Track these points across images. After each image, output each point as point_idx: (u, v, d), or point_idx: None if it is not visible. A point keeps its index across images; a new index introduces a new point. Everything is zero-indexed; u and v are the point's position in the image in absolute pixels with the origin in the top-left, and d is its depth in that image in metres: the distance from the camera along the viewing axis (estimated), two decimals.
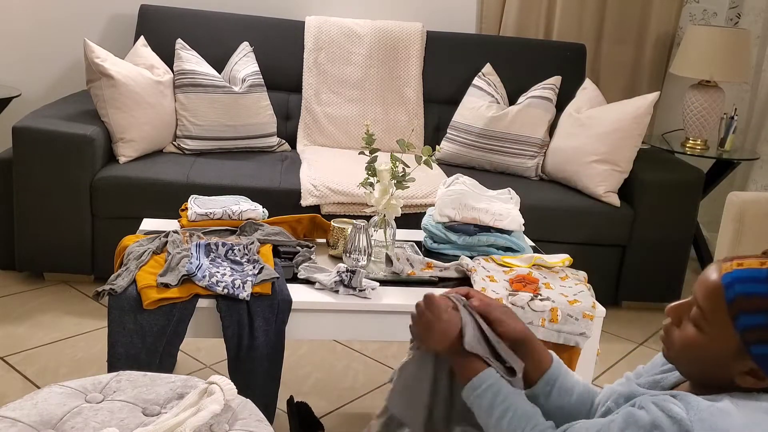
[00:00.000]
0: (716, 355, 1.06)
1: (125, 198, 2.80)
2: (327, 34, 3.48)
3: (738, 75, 3.57)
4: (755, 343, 1.01)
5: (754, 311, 1.01)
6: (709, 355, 1.07)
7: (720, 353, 1.05)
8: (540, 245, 2.79)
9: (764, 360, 1.02)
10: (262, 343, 1.82)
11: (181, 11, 3.41)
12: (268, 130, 3.30)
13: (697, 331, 1.08)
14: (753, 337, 1.01)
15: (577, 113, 3.31)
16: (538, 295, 1.95)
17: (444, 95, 3.60)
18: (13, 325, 2.63)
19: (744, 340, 1.02)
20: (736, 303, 1.03)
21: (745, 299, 1.02)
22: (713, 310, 1.05)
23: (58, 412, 1.32)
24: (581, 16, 3.85)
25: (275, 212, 2.53)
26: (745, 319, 1.02)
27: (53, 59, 3.59)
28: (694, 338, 1.08)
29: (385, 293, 1.95)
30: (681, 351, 1.12)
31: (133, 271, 1.85)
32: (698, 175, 3.23)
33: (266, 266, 1.92)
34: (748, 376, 1.04)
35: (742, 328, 1.02)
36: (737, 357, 1.04)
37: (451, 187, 2.36)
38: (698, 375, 1.12)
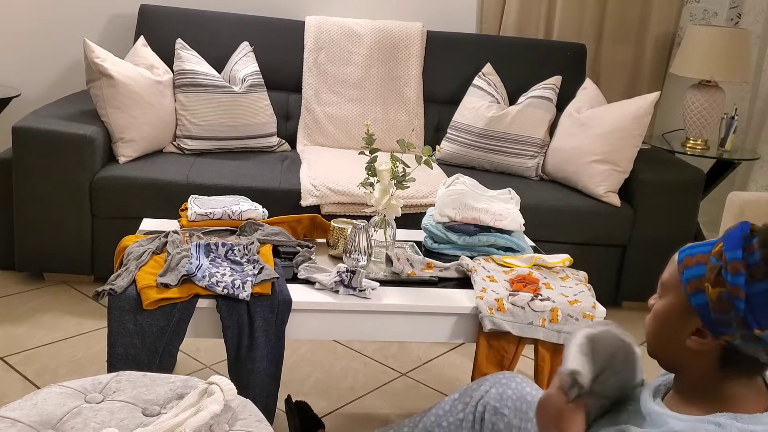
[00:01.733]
0: (671, 317, 1.14)
1: (125, 198, 2.80)
2: (327, 34, 3.48)
3: (738, 75, 3.57)
4: (693, 294, 1.09)
5: (694, 264, 1.11)
6: (666, 320, 1.15)
7: (673, 314, 1.13)
8: (540, 245, 2.78)
9: (703, 310, 1.08)
10: (262, 343, 1.82)
11: (181, 11, 3.41)
12: (268, 130, 3.30)
13: (659, 300, 1.18)
14: (692, 288, 1.10)
15: (577, 113, 3.31)
16: (538, 295, 1.95)
17: (444, 95, 3.60)
18: (13, 325, 2.63)
19: (686, 292, 1.11)
20: (683, 262, 1.14)
21: (690, 257, 1.13)
22: (669, 275, 1.16)
23: (58, 412, 1.32)
24: (581, 16, 3.85)
25: (275, 212, 2.53)
26: (687, 272, 1.12)
27: (53, 59, 3.59)
28: (657, 307, 1.18)
29: (385, 293, 1.95)
30: (649, 328, 1.20)
31: (133, 272, 1.85)
32: (698, 175, 3.23)
33: (266, 266, 1.92)
34: (694, 337, 1.10)
35: (685, 281, 1.11)
36: (686, 315, 1.11)
37: (451, 187, 2.36)
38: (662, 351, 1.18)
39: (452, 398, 1.63)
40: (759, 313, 1.03)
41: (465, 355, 2.72)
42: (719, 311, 1.05)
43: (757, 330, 1.03)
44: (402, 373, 2.57)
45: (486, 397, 1.56)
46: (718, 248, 1.09)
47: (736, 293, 1.04)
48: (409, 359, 2.66)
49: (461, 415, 1.58)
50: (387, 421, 2.27)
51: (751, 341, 1.04)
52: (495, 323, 1.88)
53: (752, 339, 1.04)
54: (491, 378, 1.61)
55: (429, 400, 2.40)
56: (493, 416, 1.52)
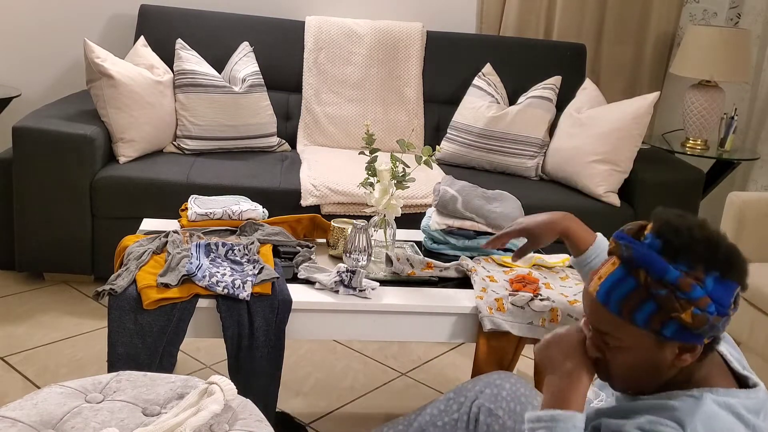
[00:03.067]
0: (647, 358, 1.13)
1: (125, 198, 2.80)
2: (327, 34, 3.48)
3: (738, 75, 3.57)
4: (661, 327, 1.09)
5: (639, 305, 1.09)
6: (644, 365, 1.14)
7: (651, 354, 1.12)
8: None
9: (679, 333, 1.09)
10: (262, 343, 1.82)
11: (181, 11, 3.41)
12: (268, 130, 3.30)
13: (624, 352, 1.14)
14: (656, 324, 1.09)
15: (577, 113, 3.31)
16: (538, 295, 1.95)
17: (444, 95, 3.60)
18: (13, 325, 2.63)
19: (653, 330, 1.10)
20: (623, 310, 1.11)
21: (626, 302, 1.10)
22: (615, 328, 1.13)
23: (58, 412, 1.32)
24: (581, 16, 3.85)
25: (275, 212, 2.53)
26: (639, 315, 1.09)
27: (53, 59, 3.59)
28: (624, 361, 1.15)
29: (385, 293, 1.95)
30: (625, 378, 1.18)
31: (133, 271, 1.85)
32: (698, 175, 3.23)
33: (266, 266, 1.92)
34: (684, 355, 1.11)
35: (643, 323, 1.10)
36: (662, 346, 1.11)
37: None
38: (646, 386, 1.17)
39: (447, 397, 1.63)
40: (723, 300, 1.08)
41: (465, 355, 2.72)
42: (698, 326, 1.07)
43: (729, 310, 1.09)
44: (402, 372, 2.57)
45: (480, 398, 1.56)
46: (645, 278, 1.08)
47: (703, 303, 1.06)
48: (409, 359, 2.66)
49: (456, 416, 1.58)
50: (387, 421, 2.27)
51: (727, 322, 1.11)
52: (495, 323, 1.88)
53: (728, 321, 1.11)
54: (485, 378, 1.61)
55: (429, 400, 2.39)
56: (488, 417, 1.52)
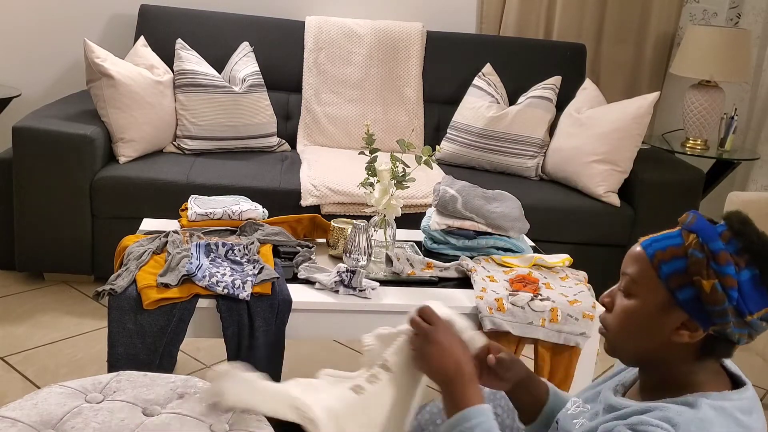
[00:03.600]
0: (649, 314, 1.11)
1: (125, 198, 2.80)
2: (327, 34, 3.48)
3: (738, 75, 3.57)
4: (678, 288, 1.08)
5: (671, 258, 1.10)
6: (643, 318, 1.12)
7: (652, 311, 1.11)
8: (540, 245, 2.78)
9: (691, 305, 1.07)
10: (262, 343, 1.82)
11: (181, 11, 3.41)
12: (268, 130, 3.30)
13: (630, 299, 1.14)
14: (675, 283, 1.08)
15: (577, 113, 3.31)
16: (538, 295, 1.95)
17: (444, 95, 3.60)
18: (13, 325, 2.63)
19: (669, 288, 1.09)
20: (656, 257, 1.11)
21: (662, 252, 1.11)
22: (639, 272, 1.13)
23: (58, 412, 1.32)
24: (581, 16, 3.85)
25: (275, 212, 2.53)
26: (665, 267, 1.10)
27: (53, 59, 3.59)
28: (629, 306, 1.14)
29: (385, 293, 1.95)
30: (620, 326, 1.16)
31: (133, 271, 1.85)
32: (698, 175, 3.23)
33: (266, 266, 1.92)
34: (683, 330, 1.09)
35: (665, 276, 1.09)
36: (668, 310, 1.09)
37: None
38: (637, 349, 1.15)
39: None
40: (749, 300, 1.05)
41: None
42: (713, 303, 1.05)
43: (748, 316, 1.05)
44: None
45: None
46: (693, 240, 1.09)
47: (729, 283, 1.05)
48: None
49: None
50: None
51: (740, 327, 1.07)
52: (495, 323, 1.88)
53: (742, 325, 1.07)
54: None
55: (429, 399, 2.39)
56: None
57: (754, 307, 1.06)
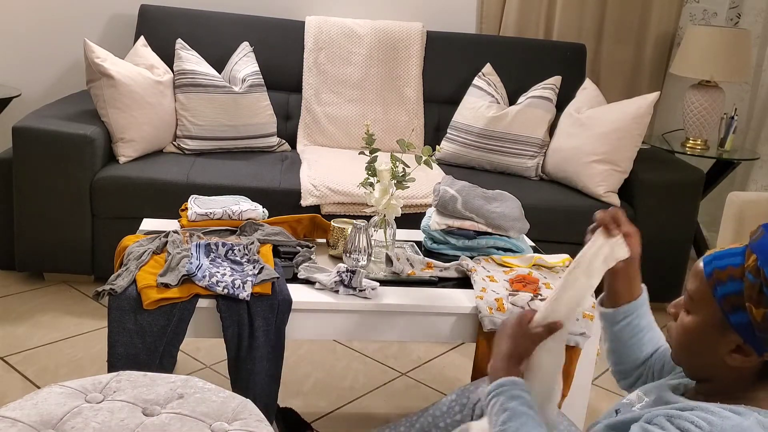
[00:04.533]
0: (705, 333, 1.09)
1: (125, 198, 2.80)
2: (327, 34, 3.48)
3: (738, 75, 3.57)
4: (732, 312, 1.04)
5: (727, 280, 1.05)
6: (699, 337, 1.10)
7: (707, 331, 1.08)
8: (540, 245, 2.78)
9: (744, 329, 1.04)
10: (262, 343, 1.82)
11: (181, 11, 3.41)
12: (268, 130, 3.30)
13: (688, 315, 1.13)
14: (729, 306, 1.05)
15: (577, 113, 3.31)
16: (538, 295, 1.95)
17: (444, 95, 3.60)
18: (13, 325, 2.63)
19: (723, 310, 1.05)
20: (713, 276, 1.07)
21: (720, 271, 1.07)
22: (697, 289, 1.10)
23: (58, 412, 1.32)
24: (581, 16, 3.85)
25: (275, 212, 2.53)
26: (721, 288, 1.06)
27: (53, 59, 3.59)
28: (687, 322, 1.12)
29: (385, 293, 1.95)
30: (678, 341, 1.15)
31: (133, 271, 1.85)
32: (698, 175, 3.23)
33: (266, 266, 1.92)
34: (736, 354, 1.06)
35: (719, 297, 1.06)
36: (722, 332, 1.06)
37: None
38: (694, 365, 1.15)
39: (449, 399, 1.62)
40: None
41: (465, 355, 2.72)
42: (764, 330, 1.01)
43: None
44: (402, 373, 2.57)
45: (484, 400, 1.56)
46: (752, 262, 1.03)
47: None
48: (409, 359, 2.66)
49: (459, 417, 1.58)
50: (387, 421, 2.27)
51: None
52: (495, 323, 1.88)
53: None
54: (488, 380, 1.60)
55: (429, 400, 2.39)
56: None
57: None
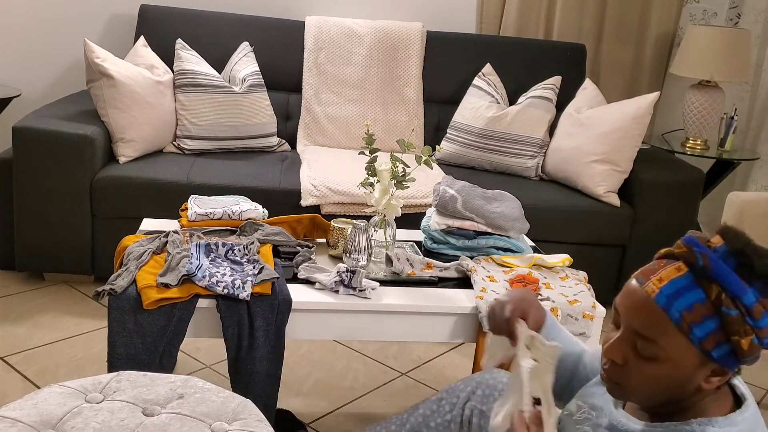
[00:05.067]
0: (682, 375, 1.06)
1: (125, 198, 2.80)
2: (327, 34, 3.48)
3: (738, 75, 3.57)
4: (714, 348, 1.03)
5: (702, 320, 1.02)
6: (675, 380, 1.07)
7: (685, 372, 1.05)
8: (540, 245, 2.78)
9: (726, 358, 1.04)
10: (262, 343, 1.82)
11: (181, 11, 3.41)
12: (268, 130, 3.30)
13: (657, 364, 1.06)
14: (711, 344, 1.03)
15: (577, 113, 3.31)
16: (538, 295, 1.95)
17: (444, 95, 3.60)
18: (13, 325, 2.63)
19: (703, 350, 1.03)
20: (684, 320, 1.03)
21: (689, 313, 1.03)
22: (665, 336, 1.04)
23: (58, 412, 1.32)
24: (581, 16, 3.85)
25: (275, 212, 2.53)
26: (698, 331, 1.03)
27: (53, 59, 3.59)
28: (657, 371, 1.07)
29: (385, 293, 1.95)
30: (645, 389, 1.10)
31: (133, 272, 1.85)
32: (698, 175, 3.23)
33: (266, 266, 1.92)
34: (713, 377, 1.06)
35: (698, 340, 1.03)
36: (700, 367, 1.05)
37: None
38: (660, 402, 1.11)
39: (438, 398, 1.62)
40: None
41: (465, 355, 2.72)
42: (748, 355, 1.03)
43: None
44: (402, 373, 2.57)
45: (473, 400, 1.56)
46: (719, 294, 1.02)
47: (765, 333, 1.03)
48: (409, 359, 2.66)
49: (448, 417, 1.58)
50: None
51: None
52: None
53: None
54: (477, 377, 1.59)
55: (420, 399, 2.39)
56: (481, 419, 1.52)
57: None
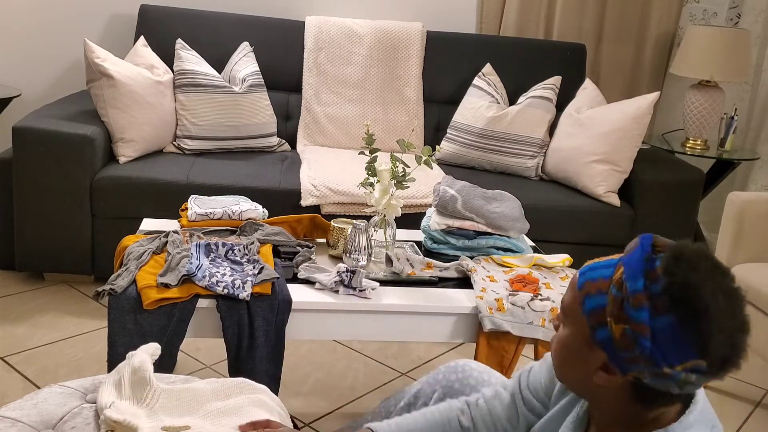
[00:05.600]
0: (575, 348, 1.03)
1: (125, 198, 2.80)
2: (327, 34, 3.48)
3: (738, 75, 3.57)
4: (597, 327, 0.98)
5: (596, 293, 0.99)
6: (571, 351, 1.04)
7: (577, 346, 1.02)
8: (540, 245, 2.79)
9: (607, 344, 0.98)
10: (262, 343, 1.82)
11: (181, 11, 3.41)
12: (268, 130, 3.30)
13: (562, 328, 1.06)
14: (595, 320, 0.99)
15: (577, 113, 3.31)
16: (538, 295, 1.95)
17: (444, 95, 3.60)
18: (13, 325, 2.63)
19: (590, 326, 0.99)
20: (584, 288, 1.01)
21: (591, 283, 1.01)
22: (570, 301, 1.04)
23: (58, 412, 1.32)
24: (581, 16, 3.85)
25: (275, 212, 2.53)
26: (588, 301, 1.00)
27: (53, 59, 3.59)
28: (561, 336, 1.06)
29: (385, 293, 1.95)
30: (553, 354, 1.09)
31: (133, 272, 1.85)
32: (698, 175, 3.23)
33: (266, 266, 1.92)
34: (601, 372, 1.00)
35: (587, 312, 1.00)
36: (590, 347, 1.00)
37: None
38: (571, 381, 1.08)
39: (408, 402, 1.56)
40: (667, 350, 0.93)
41: (465, 355, 2.72)
42: (624, 348, 0.95)
43: (666, 368, 0.93)
44: (402, 373, 2.57)
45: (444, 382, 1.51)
46: (618, 274, 0.97)
47: (639, 329, 0.93)
48: (409, 359, 2.66)
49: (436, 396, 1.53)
50: None
51: (660, 378, 0.95)
52: (495, 323, 1.88)
53: (662, 376, 0.94)
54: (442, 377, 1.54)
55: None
56: None
57: (675, 359, 0.93)
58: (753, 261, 2.63)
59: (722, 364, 0.94)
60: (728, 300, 0.94)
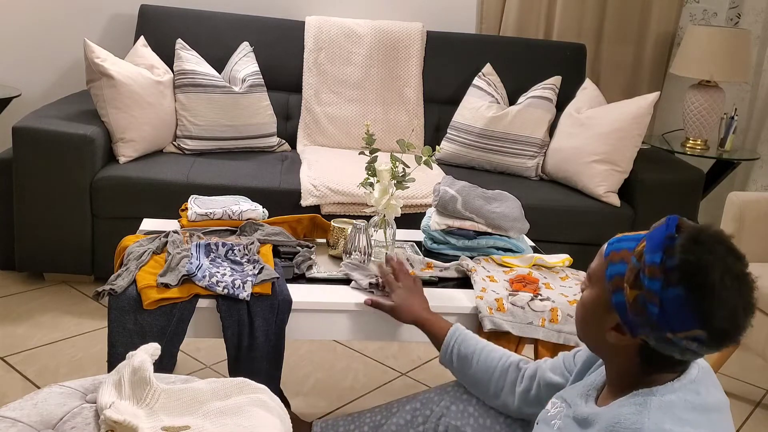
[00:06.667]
0: (595, 309, 1.16)
1: (125, 198, 2.80)
2: (327, 34, 3.48)
3: (738, 75, 3.57)
4: (615, 292, 1.11)
5: (618, 261, 1.12)
6: (591, 311, 1.17)
7: (597, 307, 1.15)
8: (540, 245, 2.78)
9: (621, 309, 1.10)
10: (262, 343, 1.82)
11: (181, 11, 3.41)
12: (268, 130, 3.30)
13: (586, 290, 1.19)
14: (613, 286, 1.11)
15: (577, 113, 3.31)
16: (538, 295, 1.95)
17: (444, 95, 3.60)
18: (13, 325, 2.63)
19: (609, 289, 1.12)
20: (609, 256, 1.14)
21: (616, 253, 1.13)
22: (596, 267, 1.18)
23: (58, 412, 1.32)
24: (581, 16, 3.85)
25: (275, 212, 2.53)
26: (611, 268, 1.12)
27: (53, 59, 3.59)
28: (584, 297, 1.19)
29: None
30: (576, 314, 1.22)
31: (133, 272, 1.84)
32: (698, 175, 3.23)
33: (266, 266, 1.92)
34: (613, 331, 1.12)
35: (609, 277, 1.12)
36: (607, 309, 1.13)
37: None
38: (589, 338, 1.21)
39: (413, 408, 1.64)
40: (672, 318, 1.04)
41: None
42: (635, 313, 1.07)
43: (669, 334, 1.05)
44: (402, 373, 2.57)
45: (447, 416, 1.58)
46: (640, 247, 1.09)
47: (650, 298, 1.05)
48: (409, 359, 2.66)
49: (421, 429, 1.60)
50: None
51: (664, 342, 1.07)
52: (495, 323, 1.88)
53: (665, 341, 1.06)
54: (452, 392, 1.63)
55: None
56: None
57: (679, 327, 1.04)
58: (753, 261, 2.62)
59: (721, 337, 1.05)
60: (736, 281, 1.03)
